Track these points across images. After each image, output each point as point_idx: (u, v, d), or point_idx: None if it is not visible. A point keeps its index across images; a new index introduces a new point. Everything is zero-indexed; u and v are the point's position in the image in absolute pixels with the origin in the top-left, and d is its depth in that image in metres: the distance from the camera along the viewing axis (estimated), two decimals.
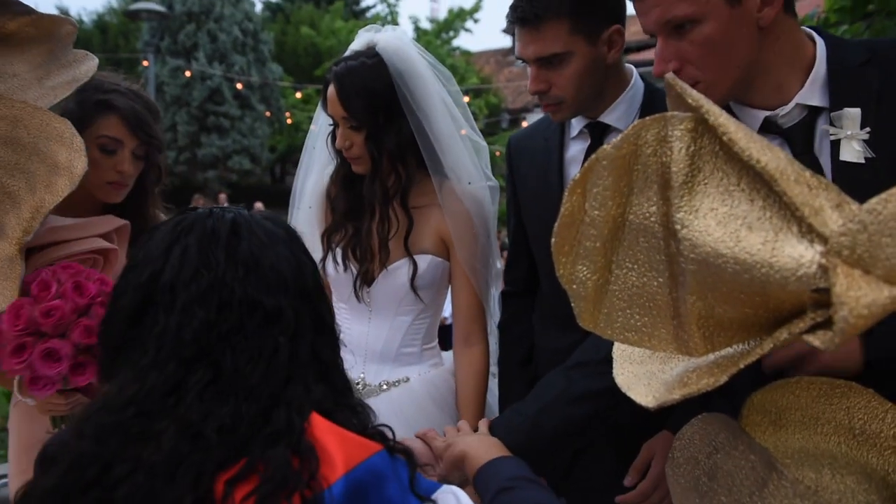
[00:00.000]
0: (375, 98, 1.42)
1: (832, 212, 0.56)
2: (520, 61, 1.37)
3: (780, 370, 0.87)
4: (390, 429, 0.77)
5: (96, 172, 1.37)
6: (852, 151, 0.95)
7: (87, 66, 1.36)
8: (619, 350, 0.76)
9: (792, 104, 1.00)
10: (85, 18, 16.36)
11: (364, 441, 0.72)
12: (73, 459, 0.68)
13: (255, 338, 0.72)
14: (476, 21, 19.51)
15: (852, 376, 0.78)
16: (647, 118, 0.61)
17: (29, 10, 1.30)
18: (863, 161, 0.94)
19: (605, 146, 0.62)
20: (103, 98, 1.46)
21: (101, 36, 15.29)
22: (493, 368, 1.59)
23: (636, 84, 1.38)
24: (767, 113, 1.02)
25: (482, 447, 0.98)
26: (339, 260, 1.51)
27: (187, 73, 13.24)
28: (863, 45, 1.04)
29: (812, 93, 1.00)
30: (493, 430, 1.08)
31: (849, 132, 0.95)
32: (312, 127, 1.67)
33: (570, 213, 0.64)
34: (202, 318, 0.72)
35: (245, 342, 0.72)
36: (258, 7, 18.21)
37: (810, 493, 0.64)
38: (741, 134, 0.58)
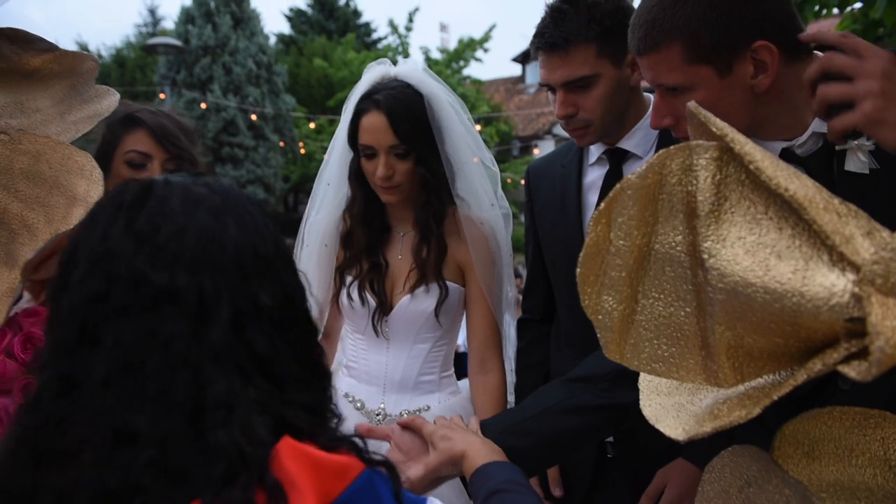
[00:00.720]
0: (421, 123, 1.46)
1: (863, 239, 0.55)
2: (531, 89, 1.40)
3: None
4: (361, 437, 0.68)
5: None
6: (857, 162, 0.94)
7: (109, 101, 1.38)
8: (645, 381, 0.75)
9: (808, 133, 0.99)
10: (104, 53, 16.73)
11: (339, 464, 0.61)
12: None
13: (144, 320, 0.60)
14: (486, 50, 19.73)
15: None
16: (672, 147, 0.61)
17: (52, 48, 1.33)
18: (867, 172, 0.94)
19: (629, 176, 0.62)
20: (129, 114, 1.47)
21: (119, 70, 15.61)
22: (510, 397, 1.58)
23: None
24: (784, 144, 1.01)
25: (483, 450, 0.97)
26: (355, 295, 1.51)
27: (203, 105, 13.45)
28: None
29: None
30: (485, 428, 1.08)
31: (855, 143, 0.94)
32: (326, 157, 1.66)
33: (596, 242, 0.64)
34: (85, 294, 0.61)
35: (131, 324, 0.60)
36: (272, 40, 18.53)
37: None
38: (768, 162, 0.58)
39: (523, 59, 27.02)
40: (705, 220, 0.59)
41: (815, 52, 1.01)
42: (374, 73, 1.51)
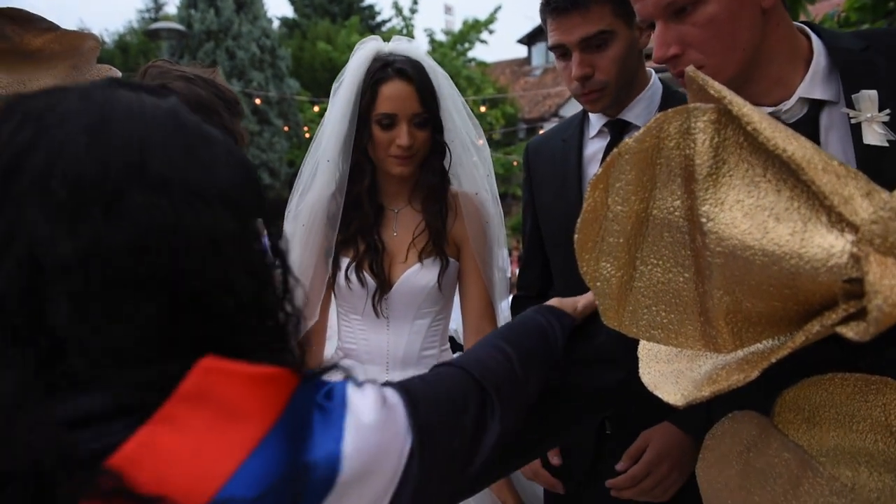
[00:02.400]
0: (433, 93, 1.47)
1: (862, 200, 0.55)
2: (537, 71, 1.40)
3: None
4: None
5: None
6: (875, 134, 0.91)
7: None
8: (644, 349, 0.75)
9: (794, 98, 0.96)
10: (106, 38, 16.69)
11: (272, 374, 0.51)
12: None
13: None
14: (491, 32, 19.57)
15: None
16: (670, 110, 0.60)
17: (53, 27, 1.33)
18: (886, 144, 0.91)
19: (627, 140, 0.61)
20: (162, 83, 1.32)
21: (122, 55, 15.58)
22: None
23: (655, 84, 1.40)
24: (769, 109, 0.97)
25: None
26: (353, 277, 1.51)
27: None
28: (856, 35, 1.02)
29: (813, 86, 0.96)
30: None
31: (868, 115, 0.92)
32: (318, 136, 1.62)
33: (593, 208, 0.63)
34: None
35: None
36: (275, 24, 18.44)
37: (847, 491, 0.63)
38: (766, 123, 0.57)
39: (529, 40, 26.78)
40: (703, 184, 0.59)
41: None
42: (368, 49, 1.51)
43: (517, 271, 1.70)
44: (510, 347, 0.82)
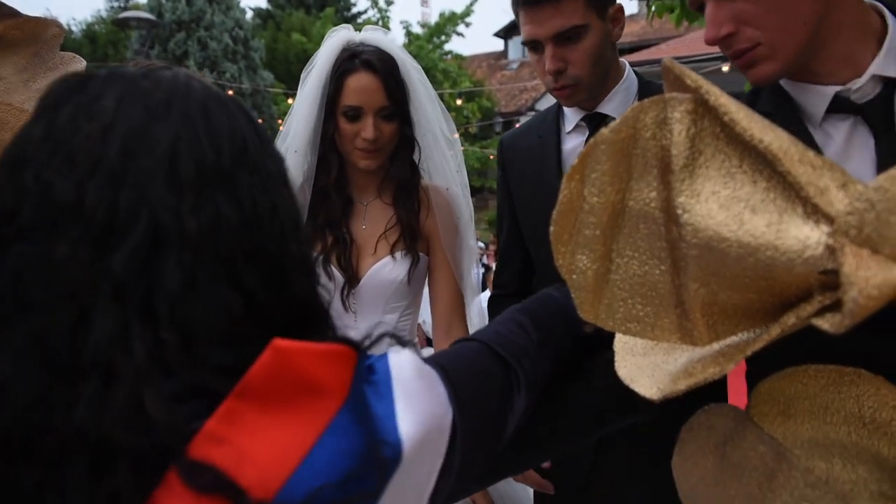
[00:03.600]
0: (401, 86, 1.45)
1: (838, 191, 0.54)
2: (514, 65, 1.38)
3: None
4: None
5: None
6: None
7: (74, 68, 1.34)
8: (620, 342, 0.74)
9: (867, 76, 0.86)
10: (74, 28, 16.35)
11: (337, 351, 0.51)
12: None
13: (41, 242, 0.47)
14: (468, 25, 19.55)
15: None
16: (646, 100, 0.60)
17: (14, 13, 1.28)
18: None
19: (603, 130, 0.60)
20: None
21: (90, 45, 15.28)
22: None
23: (630, 76, 1.39)
24: (837, 88, 0.88)
25: None
26: (320, 269, 1.49)
27: None
28: None
29: (888, 63, 0.86)
30: None
31: None
32: (285, 127, 1.61)
33: (569, 200, 0.62)
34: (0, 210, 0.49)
35: (29, 247, 0.47)
36: (248, 14, 18.20)
37: (821, 484, 0.63)
38: (742, 114, 0.57)
39: (505, 34, 26.80)
40: (679, 175, 0.58)
41: None
42: (338, 37, 1.48)
43: (493, 265, 1.70)
44: (529, 321, 0.79)
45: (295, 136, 1.52)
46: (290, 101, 14.64)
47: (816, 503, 0.62)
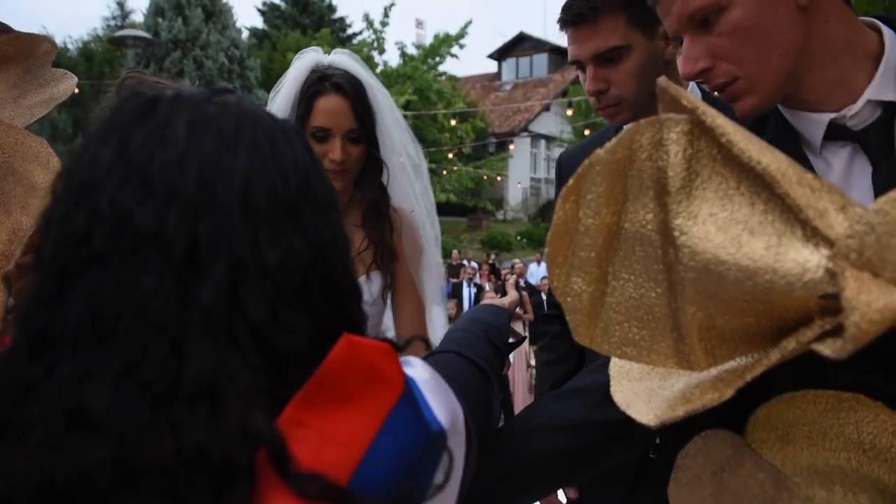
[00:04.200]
0: (369, 109, 1.47)
1: (837, 214, 0.54)
2: (507, 87, 1.37)
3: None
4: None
5: None
6: None
7: (66, 84, 1.33)
8: (616, 367, 0.73)
9: (861, 101, 0.83)
10: (70, 46, 16.40)
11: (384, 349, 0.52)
12: None
13: (122, 270, 0.48)
14: (462, 47, 19.74)
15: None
16: (642, 121, 0.59)
17: (6, 29, 1.27)
18: None
19: (598, 151, 0.59)
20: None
21: (86, 64, 15.33)
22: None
23: (693, 90, 1.34)
24: (832, 115, 0.85)
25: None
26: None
27: None
28: None
29: (885, 86, 0.83)
30: None
31: None
32: None
33: (564, 221, 0.61)
34: (66, 233, 0.50)
35: (109, 275, 0.48)
36: (244, 34, 18.31)
37: None
38: (740, 136, 0.56)
39: (499, 56, 27.05)
40: (676, 197, 0.57)
41: None
42: (307, 59, 1.51)
43: (486, 286, 1.71)
44: (478, 333, 0.86)
45: None
46: None
47: None
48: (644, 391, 0.67)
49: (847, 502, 0.65)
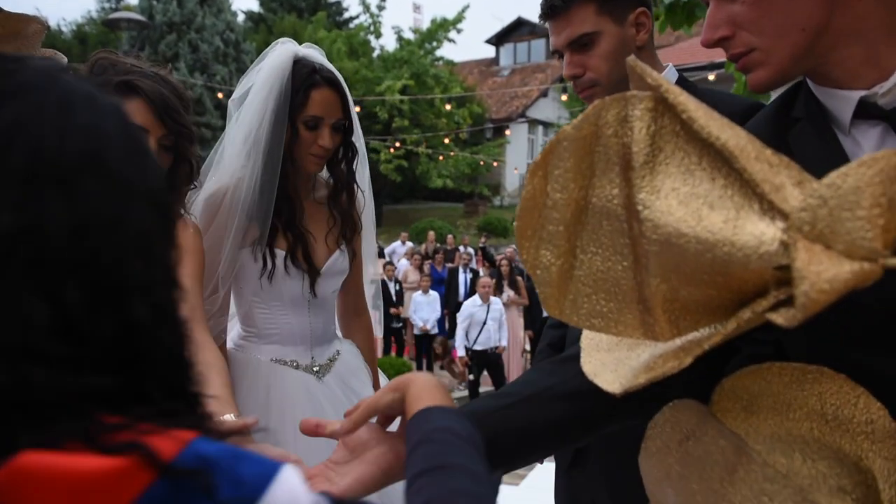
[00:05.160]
0: (349, 101, 1.67)
1: (793, 188, 0.55)
2: (505, 72, 1.44)
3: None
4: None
5: None
6: None
7: None
8: (586, 338, 0.75)
9: (893, 79, 0.80)
10: (64, 28, 16.26)
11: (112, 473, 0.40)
12: None
13: None
14: (459, 31, 19.62)
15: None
16: (608, 98, 0.60)
17: None
18: None
19: (565, 127, 0.61)
20: (124, 79, 1.34)
21: (81, 46, 15.22)
22: None
23: (670, 73, 1.44)
24: (862, 92, 0.82)
25: (429, 390, 0.73)
26: (290, 265, 1.64)
27: None
28: None
29: None
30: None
31: None
32: (233, 125, 1.74)
33: (532, 196, 0.63)
34: None
35: None
36: (240, 17, 18.17)
37: (780, 478, 0.63)
38: (701, 112, 0.58)
39: (497, 41, 26.90)
40: (640, 172, 0.59)
41: None
42: (287, 49, 1.65)
43: (481, 271, 1.81)
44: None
45: (236, 138, 1.66)
46: None
47: (775, 497, 0.62)
48: (612, 361, 0.69)
49: (806, 469, 0.67)
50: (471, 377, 7.63)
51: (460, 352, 7.65)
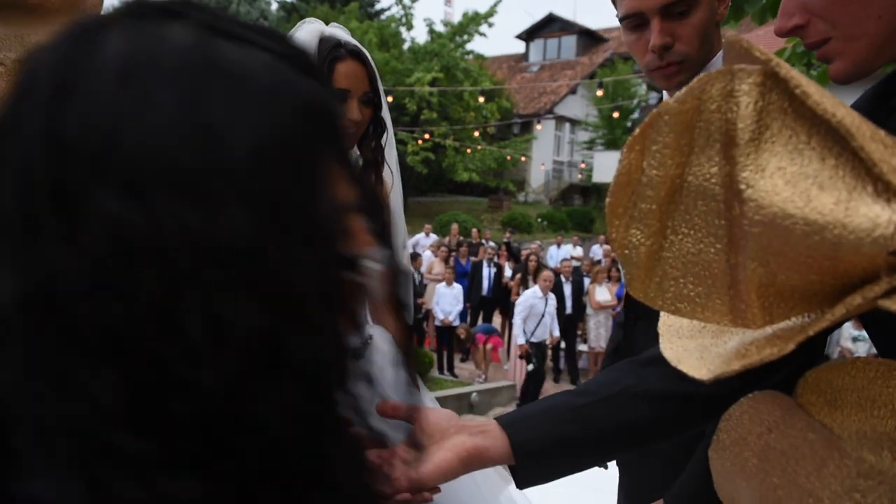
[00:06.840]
0: (377, 76, 1.66)
1: None
2: (534, 68, 1.37)
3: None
4: None
5: None
6: None
7: None
8: (666, 324, 0.73)
9: None
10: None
11: None
12: None
13: None
14: (490, 26, 19.53)
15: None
16: (713, 71, 0.58)
17: None
18: None
19: (667, 100, 0.59)
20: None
21: None
22: None
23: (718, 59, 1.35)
24: None
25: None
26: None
27: None
28: None
29: None
30: (528, 416, 0.87)
31: None
32: None
33: (627, 171, 0.61)
34: None
35: None
36: (274, 7, 18.27)
37: (875, 473, 0.61)
38: (814, 88, 0.55)
39: (527, 36, 26.73)
40: (744, 149, 0.57)
41: None
42: (314, 27, 1.65)
43: (506, 266, 1.78)
44: None
45: None
46: None
47: (868, 494, 0.60)
48: (695, 348, 0.67)
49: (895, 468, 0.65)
50: (529, 367, 7.78)
51: (520, 340, 7.90)
